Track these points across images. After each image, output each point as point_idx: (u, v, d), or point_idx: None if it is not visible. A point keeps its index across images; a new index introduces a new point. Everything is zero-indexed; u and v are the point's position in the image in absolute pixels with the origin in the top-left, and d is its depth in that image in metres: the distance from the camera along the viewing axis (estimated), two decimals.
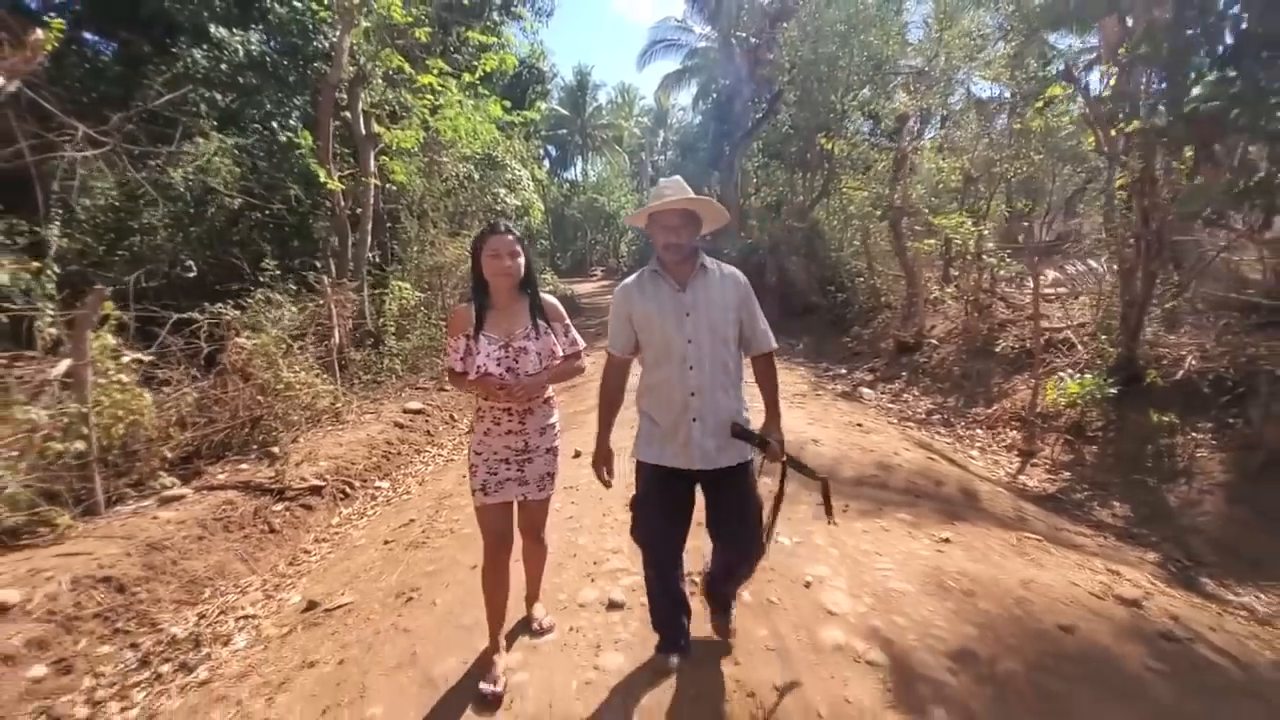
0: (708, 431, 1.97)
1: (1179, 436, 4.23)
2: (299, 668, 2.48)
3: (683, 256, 1.99)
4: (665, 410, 2.01)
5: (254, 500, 3.91)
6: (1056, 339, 6.13)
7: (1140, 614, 2.50)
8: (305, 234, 9.31)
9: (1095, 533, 3.68)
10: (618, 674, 2.18)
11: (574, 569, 3.00)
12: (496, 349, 2.08)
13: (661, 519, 2.08)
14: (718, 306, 1.99)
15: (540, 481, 2.23)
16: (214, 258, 8.30)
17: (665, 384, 2.01)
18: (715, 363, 1.99)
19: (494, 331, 2.10)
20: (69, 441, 3.59)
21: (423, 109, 9.10)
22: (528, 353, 2.10)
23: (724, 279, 2.05)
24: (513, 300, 2.15)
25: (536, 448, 2.19)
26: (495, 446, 2.17)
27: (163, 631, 2.86)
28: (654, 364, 2.05)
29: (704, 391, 1.97)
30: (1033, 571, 2.79)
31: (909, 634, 2.28)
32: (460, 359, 2.13)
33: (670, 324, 1.99)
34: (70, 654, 2.59)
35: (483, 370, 2.05)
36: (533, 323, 2.13)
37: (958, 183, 8.74)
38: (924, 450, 4.88)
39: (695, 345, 1.97)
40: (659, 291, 2.03)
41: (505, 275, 2.07)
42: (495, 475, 2.16)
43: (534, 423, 2.18)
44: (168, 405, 4.58)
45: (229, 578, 3.34)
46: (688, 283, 2.00)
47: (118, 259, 7.74)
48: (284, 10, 9.54)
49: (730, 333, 2.02)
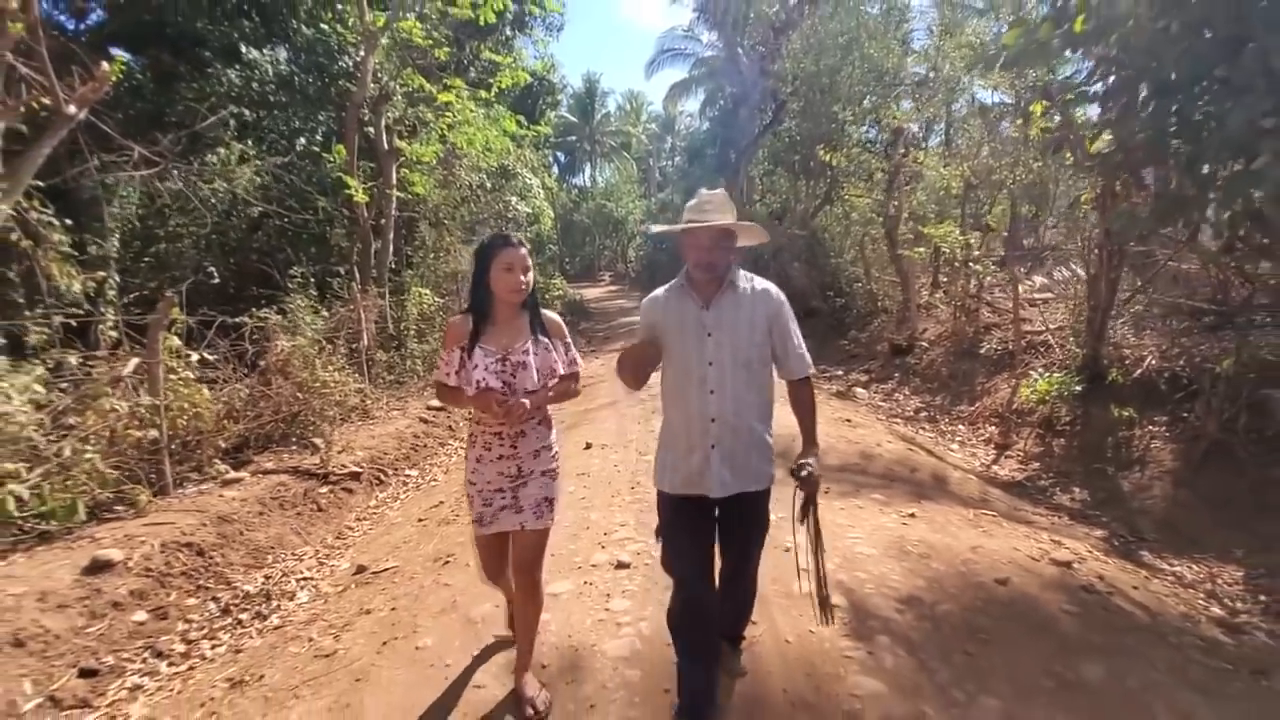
0: (724, 459, 1.86)
1: (1136, 429, 4.64)
2: (357, 614, 2.96)
3: (715, 275, 1.90)
4: (683, 434, 1.92)
5: (303, 483, 4.42)
6: (1036, 341, 6.54)
7: (1069, 573, 2.94)
8: (323, 242, 9.84)
9: (1052, 513, 4.11)
10: (624, 614, 2.64)
11: (587, 538, 3.47)
12: (494, 362, 1.96)
13: (689, 546, 1.97)
14: (744, 327, 1.88)
15: (536, 508, 2.07)
16: (235, 265, 8.84)
17: (683, 407, 1.92)
18: (737, 387, 1.87)
19: (491, 344, 1.98)
20: (145, 430, 4.11)
21: (442, 125, 9.62)
22: (527, 368, 1.99)
23: (755, 296, 1.93)
24: (515, 315, 2.04)
25: (531, 472, 2.07)
26: (488, 475, 2.06)
27: (237, 588, 3.36)
28: (673, 385, 1.96)
29: (724, 417, 1.86)
30: (983, 540, 3.24)
31: (867, 585, 2.73)
32: (454, 372, 2.01)
33: (691, 344, 1.89)
34: (164, 604, 3.09)
35: (482, 384, 1.93)
36: (534, 336, 2.03)
37: (959, 190, 9.12)
38: (905, 443, 5.32)
39: (716, 368, 1.86)
40: (683, 308, 1.93)
41: (518, 291, 1.97)
42: (490, 506, 2.06)
43: (527, 445, 2.06)
44: (221, 400, 5.10)
45: (287, 547, 3.83)
46: (713, 301, 1.90)
47: (144, 265, 8.27)
48: (310, 32, 10.13)
49: (756, 355, 1.89)
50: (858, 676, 2.14)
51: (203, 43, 9.34)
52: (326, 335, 6.60)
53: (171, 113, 8.98)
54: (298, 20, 10.21)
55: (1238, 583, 3.22)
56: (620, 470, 4.64)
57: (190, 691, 2.57)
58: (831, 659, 2.23)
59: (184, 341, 5.18)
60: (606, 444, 5.42)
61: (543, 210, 15.14)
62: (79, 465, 3.64)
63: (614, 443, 5.47)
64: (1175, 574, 3.34)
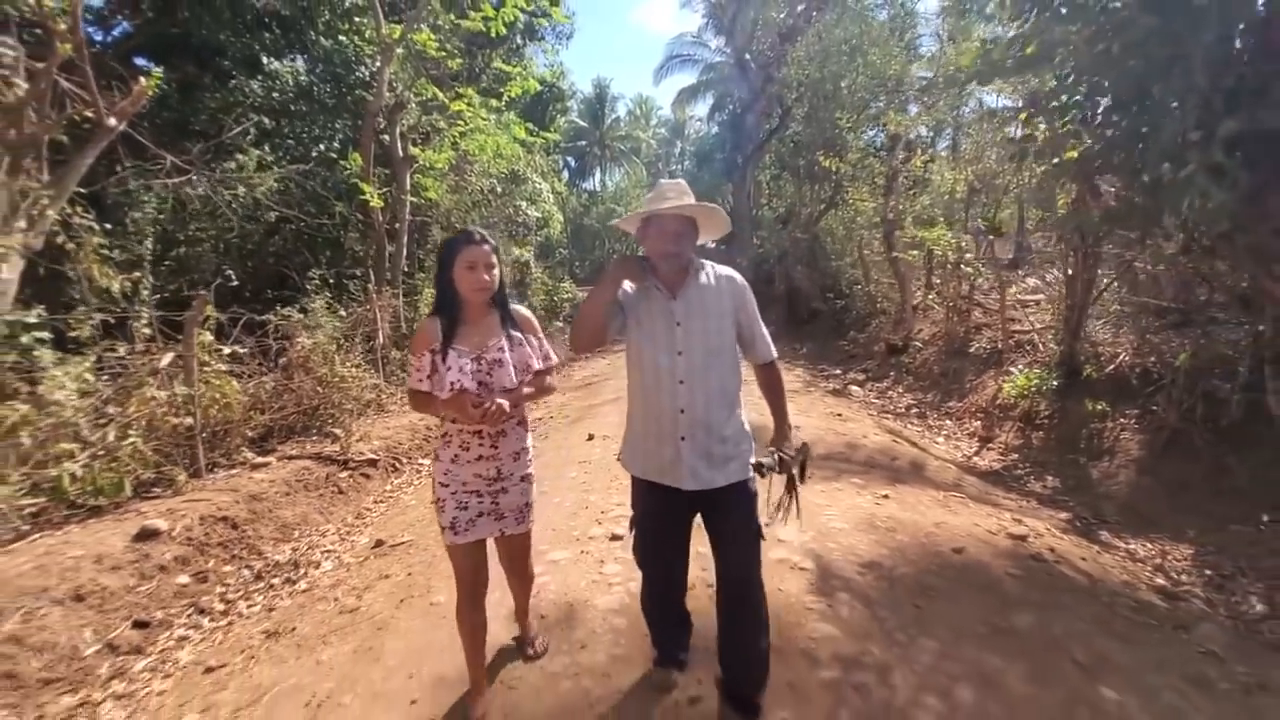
0: (698, 451, 1.82)
1: (1108, 422, 4.89)
2: (377, 579, 3.29)
3: (679, 265, 1.87)
4: (652, 426, 1.88)
5: (324, 468, 4.76)
6: (1023, 340, 6.79)
7: (1022, 545, 3.22)
8: (337, 245, 10.24)
9: (1022, 498, 4.38)
10: (615, 577, 2.94)
11: (586, 516, 3.78)
12: (469, 362, 1.89)
13: (657, 539, 1.99)
14: (713, 315, 1.86)
15: (518, 514, 2.04)
16: (252, 268, 9.23)
17: (653, 398, 1.87)
18: (708, 377, 1.84)
19: (464, 345, 1.91)
20: (181, 417, 4.47)
21: (454, 133, 10.01)
22: (503, 365, 1.93)
23: (719, 282, 1.91)
24: (485, 313, 1.97)
25: (510, 475, 2.01)
26: (464, 476, 1.96)
27: (268, 558, 3.70)
28: (640, 377, 1.91)
29: (694, 408, 1.82)
30: (947, 517, 3.52)
31: (835, 553, 3.02)
32: (425, 378, 1.93)
33: (660, 334, 1.85)
34: (204, 569, 3.44)
35: (457, 386, 1.83)
36: (506, 334, 1.97)
37: (962, 194, 9.31)
38: (891, 435, 5.60)
39: (686, 357, 1.83)
40: (650, 299, 1.89)
41: (482, 289, 1.90)
42: (466, 510, 1.97)
43: (507, 446, 1.99)
44: (248, 392, 5.46)
45: (311, 525, 4.18)
46: (679, 291, 1.87)
47: (164, 268, 8.67)
48: (328, 43, 10.56)
49: (726, 342, 1.88)
50: (816, 623, 2.43)
51: (223, 53, 9.74)
52: (344, 334, 6.97)
53: (195, 121, 9.43)
54: (316, 32, 10.63)
55: (1186, 559, 3.47)
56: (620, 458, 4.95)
57: (231, 641, 2.91)
58: (795, 610, 2.53)
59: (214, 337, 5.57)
60: (608, 435, 5.73)
61: (552, 215, 15.51)
62: (124, 447, 4.01)
63: (615, 434, 5.77)
64: (1128, 550, 3.60)
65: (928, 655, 2.22)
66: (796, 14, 19.44)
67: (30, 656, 2.56)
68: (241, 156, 8.58)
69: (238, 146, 8.69)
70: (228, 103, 9.18)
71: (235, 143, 8.64)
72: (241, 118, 8.79)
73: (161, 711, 2.43)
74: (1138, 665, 2.19)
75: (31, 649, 2.58)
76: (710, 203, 1.91)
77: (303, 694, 2.32)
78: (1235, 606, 2.99)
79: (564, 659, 2.33)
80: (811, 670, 2.17)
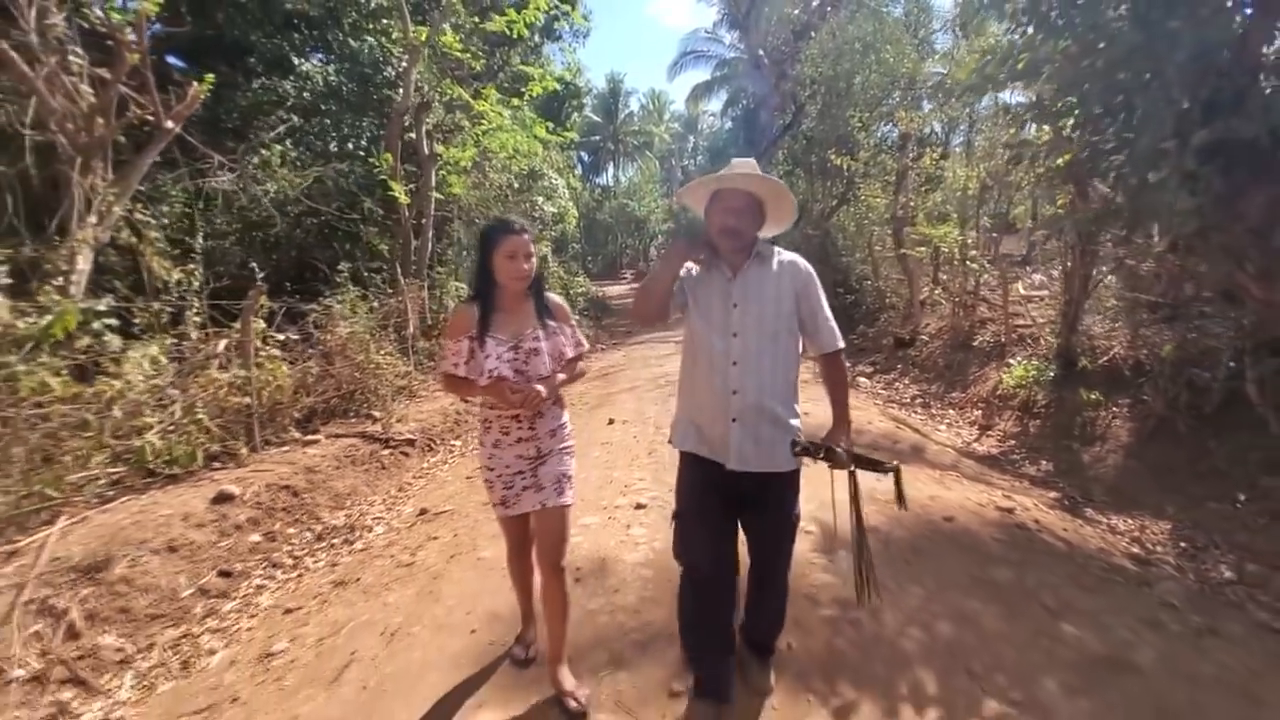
0: (748, 435, 1.82)
1: (1101, 410, 5.17)
2: (426, 540, 3.68)
3: (741, 245, 1.86)
4: (704, 407, 1.88)
5: (368, 446, 5.17)
6: (1026, 334, 7.06)
7: (1009, 516, 3.55)
8: (355, 239, 10.63)
9: (1015, 479, 4.68)
10: (640, 537, 3.31)
11: (611, 489, 4.15)
12: (506, 350, 1.97)
13: (702, 520, 1.94)
14: (770, 299, 1.83)
15: (556, 483, 2.08)
16: (275, 260, 9.62)
17: (706, 379, 1.86)
18: (763, 361, 1.82)
19: (501, 333, 1.98)
20: (240, 397, 4.89)
21: (477, 132, 10.39)
22: (539, 353, 2.00)
23: (781, 268, 1.88)
24: (521, 301, 2.05)
25: (550, 450, 2.09)
26: (507, 459, 2.05)
27: (325, 523, 4.11)
28: (695, 355, 1.91)
29: (746, 391, 1.81)
30: (942, 492, 3.85)
31: (839, 520, 3.36)
32: (463, 363, 2.00)
33: (715, 314, 1.86)
34: (272, 530, 3.85)
35: (495, 373, 1.93)
36: (541, 322, 2.04)
37: (975, 191, 9.50)
38: (895, 422, 5.92)
39: (741, 339, 1.82)
40: (709, 278, 1.90)
41: (521, 278, 1.97)
42: (512, 489, 2.06)
43: (544, 425, 2.08)
44: (294, 376, 5.88)
45: (360, 495, 4.58)
46: (739, 272, 1.86)
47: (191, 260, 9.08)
48: (356, 44, 10.95)
49: (784, 328, 1.84)
50: (818, 575, 2.78)
51: (253, 52, 10.11)
52: (379, 323, 7.39)
53: (228, 119, 9.86)
54: (343, 33, 11.02)
55: (1163, 533, 3.77)
56: (639, 440, 5.32)
57: (303, 589, 3.32)
58: (801, 564, 2.87)
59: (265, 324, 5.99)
60: (627, 420, 6.11)
61: (567, 210, 15.86)
62: (193, 423, 4.43)
63: (633, 419, 6.15)
64: (1109, 525, 3.91)
65: (914, 599, 2.57)
66: (811, 10, 19.64)
67: (138, 595, 2.98)
68: (265, 152, 8.97)
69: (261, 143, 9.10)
70: (258, 101, 9.58)
71: (262, 139, 9.05)
72: (272, 116, 9.21)
73: (253, 642, 2.84)
74: (1099, 610, 2.52)
75: (138, 589, 3.00)
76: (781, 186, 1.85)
77: (376, 626, 2.72)
78: (1205, 573, 3.30)
79: (600, 600, 2.71)
80: (813, 610, 2.53)
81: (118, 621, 2.85)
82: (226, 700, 2.37)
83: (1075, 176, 3.89)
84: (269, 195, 9.18)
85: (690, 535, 1.97)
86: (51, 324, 3.60)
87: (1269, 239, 3.29)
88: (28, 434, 3.48)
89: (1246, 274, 3.44)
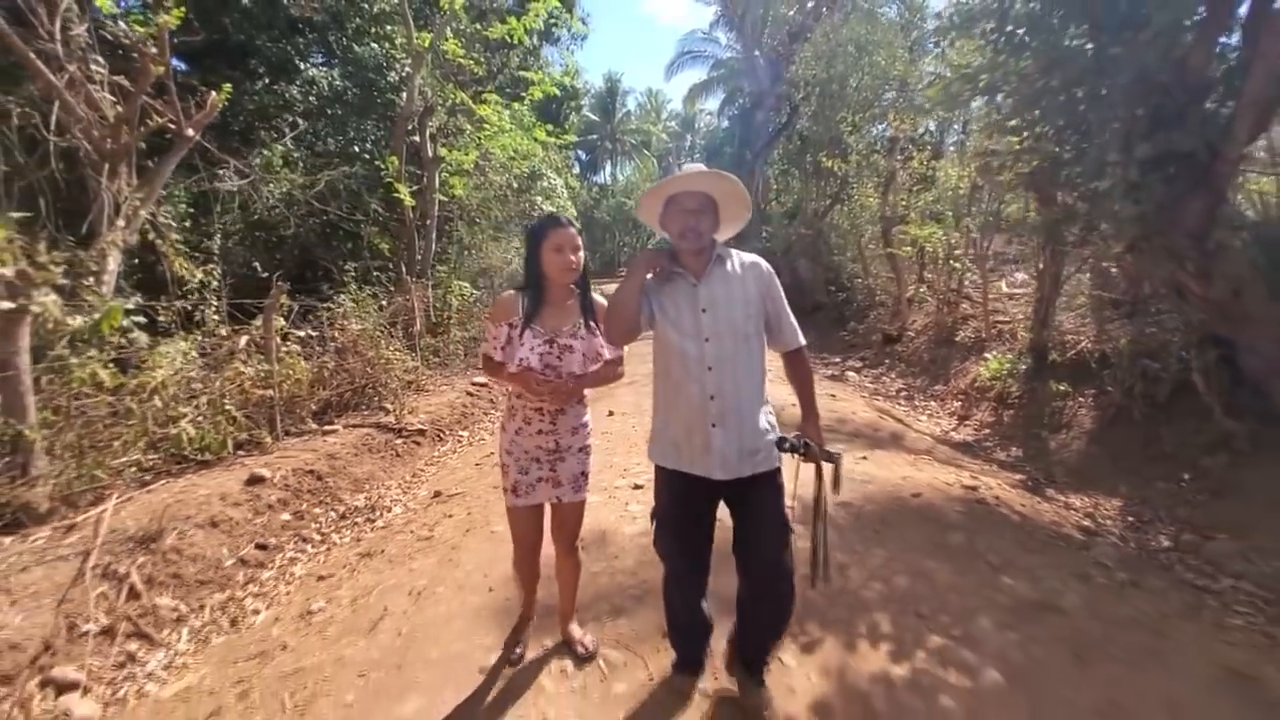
0: (729, 438, 1.82)
1: (1069, 400, 5.54)
2: (442, 517, 4.03)
3: (700, 247, 1.86)
4: (682, 415, 1.87)
5: (383, 435, 5.52)
6: (1005, 330, 7.42)
7: (972, 493, 3.91)
8: (356, 239, 10.93)
9: (985, 464, 5.05)
10: (638, 512, 3.66)
11: (611, 473, 4.49)
12: (541, 343, 2.00)
13: (682, 537, 1.99)
14: (738, 301, 1.85)
15: (575, 481, 2.16)
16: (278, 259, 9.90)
17: (682, 387, 1.86)
18: (738, 363, 1.83)
19: (541, 326, 2.02)
20: (263, 390, 5.23)
21: (479, 136, 10.71)
22: (573, 351, 2.03)
23: (744, 269, 1.91)
24: (567, 296, 2.08)
25: (569, 447, 2.14)
26: (526, 446, 2.11)
27: (347, 504, 4.46)
28: (668, 365, 1.91)
29: (724, 394, 1.82)
30: (913, 473, 4.21)
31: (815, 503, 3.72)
32: (500, 348, 2.05)
33: (686, 320, 1.86)
34: (300, 509, 4.19)
35: (525, 363, 1.97)
36: (585, 323, 2.06)
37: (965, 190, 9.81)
38: (878, 412, 6.28)
39: (714, 344, 1.83)
40: (674, 285, 1.90)
41: (569, 270, 2.00)
42: (526, 475, 2.11)
43: (565, 422, 2.12)
44: (310, 370, 6.22)
45: (377, 480, 4.93)
46: (703, 276, 1.87)
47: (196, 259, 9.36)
48: (361, 50, 11.26)
49: (753, 328, 1.87)
50: (795, 541, 3.13)
51: (257, 56, 10.36)
52: (388, 321, 7.73)
53: (235, 122, 10.16)
54: (346, 38, 11.31)
55: (1114, 510, 4.13)
56: (636, 430, 5.68)
57: (332, 560, 3.67)
58: None
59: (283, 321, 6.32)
60: (626, 413, 6.47)
61: (566, 210, 16.20)
62: (221, 413, 4.76)
63: (631, 411, 6.51)
64: (1066, 503, 4.27)
65: (877, 559, 2.93)
66: (807, 11, 19.96)
67: (187, 563, 3.32)
68: (266, 152, 9.23)
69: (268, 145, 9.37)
70: (264, 105, 9.87)
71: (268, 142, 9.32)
72: (278, 119, 9.50)
73: (293, 604, 3.19)
74: (1036, 566, 2.88)
75: (187, 558, 3.34)
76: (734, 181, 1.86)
77: (403, 588, 3.06)
78: (1145, 542, 3.66)
79: (602, 564, 3.06)
80: None
81: (171, 585, 3.19)
82: (276, 648, 2.72)
83: (1037, 184, 4.25)
84: (276, 197, 9.50)
85: (667, 536, 2.03)
86: (99, 321, 3.93)
87: (1204, 242, 3.65)
88: (78, 421, 3.82)
89: (1187, 273, 3.80)
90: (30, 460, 3.45)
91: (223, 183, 7.51)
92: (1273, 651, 2.37)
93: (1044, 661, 2.17)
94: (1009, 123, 4.42)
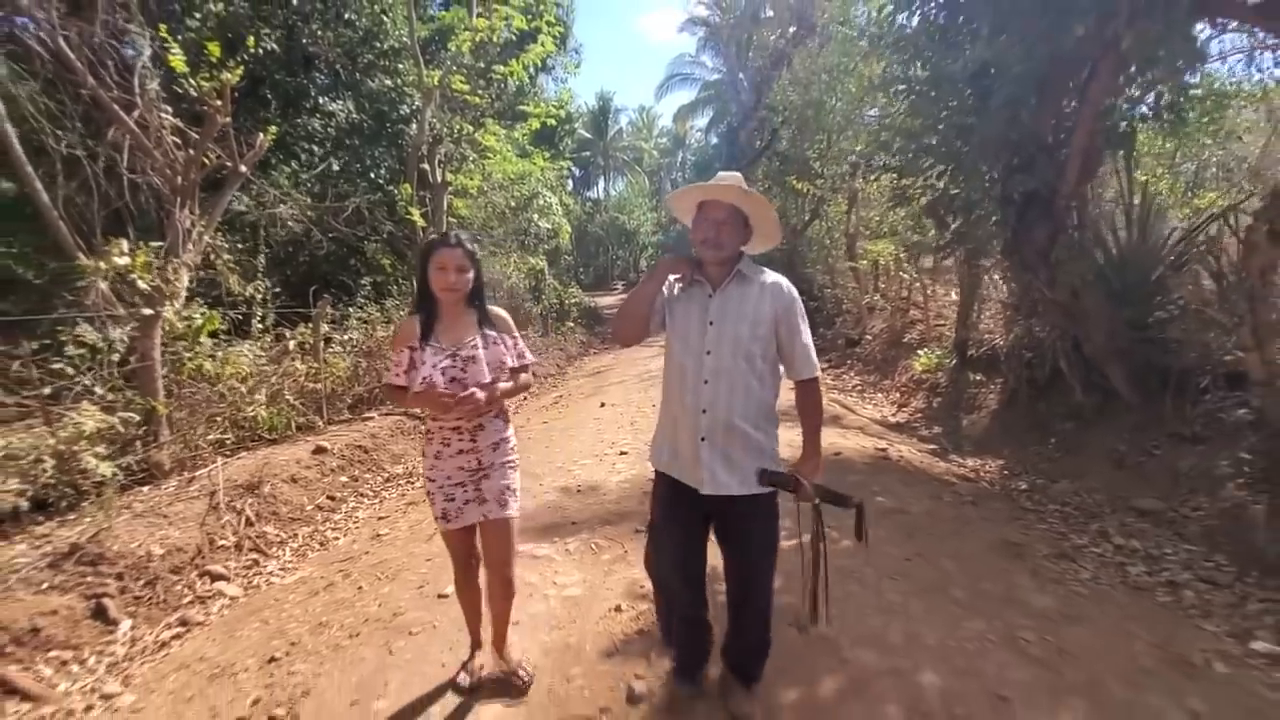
0: (716, 455, 1.81)
1: (981, 388, 6.69)
2: None
3: (719, 258, 1.85)
4: (678, 425, 1.89)
5: (412, 422, 6.61)
6: (943, 331, 8.59)
7: (883, 454, 5.04)
8: (361, 255, 11.97)
9: (909, 438, 6.18)
10: (622, 469, 4.76)
11: (603, 444, 5.60)
12: (443, 359, 1.99)
13: (671, 537, 1.99)
14: (748, 320, 1.81)
15: (500, 496, 2.09)
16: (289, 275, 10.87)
17: (678, 396, 1.87)
18: (735, 381, 1.80)
19: (440, 341, 2.02)
20: (314, 383, 6.32)
21: (484, 163, 11.90)
22: (476, 361, 2.02)
23: (765, 289, 1.87)
24: (461, 312, 2.08)
25: (492, 464, 2.09)
26: (448, 470, 2.07)
27: (389, 471, 5.54)
28: (669, 373, 1.92)
29: (717, 410, 1.80)
30: (840, 441, 5.34)
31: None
32: (403, 372, 2.03)
33: (692, 329, 1.86)
34: (354, 475, 5.28)
35: (427, 381, 1.94)
36: (481, 333, 2.07)
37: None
38: (831, 402, 7.42)
39: (714, 357, 1.81)
40: (691, 293, 1.91)
41: (451, 290, 2.00)
42: (453, 501, 2.08)
43: (486, 439, 2.08)
44: (347, 368, 7.31)
45: (411, 456, 6.02)
46: (720, 288, 1.86)
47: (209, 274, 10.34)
48: (374, 84, 12.44)
49: (759, 350, 1.82)
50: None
51: (274, 90, 11.41)
52: None
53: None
54: (359, 73, 12.46)
55: (995, 467, 5.26)
56: (624, 416, 6.80)
57: (385, 508, 4.76)
58: None
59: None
60: (615, 403, 7.59)
61: (561, 226, 17.38)
62: (283, 400, 5.85)
63: (620, 404, 7.63)
64: (961, 463, 5.40)
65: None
66: (788, 38, 21.31)
67: (281, 505, 4.40)
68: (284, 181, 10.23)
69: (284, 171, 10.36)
70: (283, 137, 10.94)
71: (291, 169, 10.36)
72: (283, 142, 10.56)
73: (363, 533, 4.27)
74: (906, 493, 4.01)
75: (280, 502, 4.43)
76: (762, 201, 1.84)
77: None
78: (1009, 486, 4.78)
79: (592, 500, 4.17)
80: None
81: (272, 520, 4.27)
82: (360, 554, 3.81)
83: (934, 213, 5.42)
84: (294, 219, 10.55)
85: (659, 548, 2.07)
86: (203, 325, 5.03)
87: (1048, 258, 4.82)
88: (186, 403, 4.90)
89: (1040, 281, 4.96)
90: (159, 430, 4.53)
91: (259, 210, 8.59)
92: (1049, 537, 3.50)
93: (883, 537, 3.28)
94: (913, 165, 5.62)
